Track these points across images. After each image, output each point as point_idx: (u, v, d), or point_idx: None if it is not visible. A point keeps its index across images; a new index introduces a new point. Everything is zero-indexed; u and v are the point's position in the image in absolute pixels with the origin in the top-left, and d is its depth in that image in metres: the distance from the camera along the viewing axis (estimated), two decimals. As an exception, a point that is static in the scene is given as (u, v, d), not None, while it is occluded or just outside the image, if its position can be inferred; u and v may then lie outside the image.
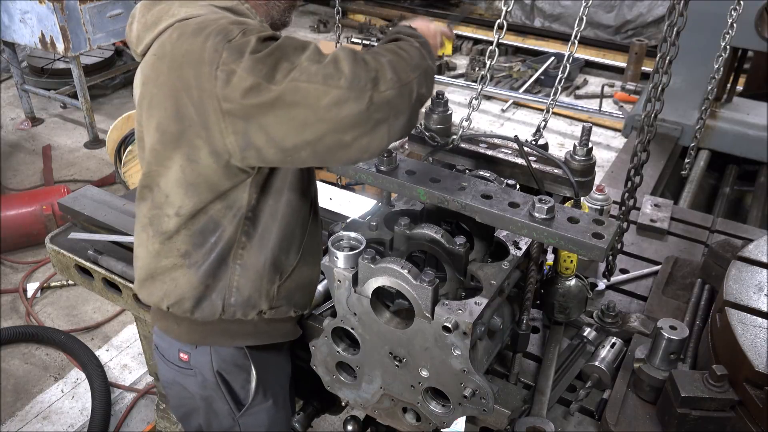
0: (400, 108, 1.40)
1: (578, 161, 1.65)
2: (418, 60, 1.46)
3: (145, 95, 1.54)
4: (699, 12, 2.90)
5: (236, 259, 1.63)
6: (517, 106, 6.68)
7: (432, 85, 1.53)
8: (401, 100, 1.40)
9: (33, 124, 6.09)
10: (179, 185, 1.56)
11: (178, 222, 1.60)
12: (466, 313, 1.37)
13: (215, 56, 1.35)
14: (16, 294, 4.00)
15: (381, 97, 1.36)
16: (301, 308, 1.78)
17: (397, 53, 1.44)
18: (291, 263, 1.70)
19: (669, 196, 3.56)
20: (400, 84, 1.38)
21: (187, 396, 1.86)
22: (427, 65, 1.48)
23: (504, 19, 1.57)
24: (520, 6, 8.14)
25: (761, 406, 1.42)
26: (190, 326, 1.71)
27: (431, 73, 1.51)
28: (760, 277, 1.73)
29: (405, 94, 1.40)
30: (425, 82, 1.47)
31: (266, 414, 1.86)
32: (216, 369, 1.75)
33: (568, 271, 1.76)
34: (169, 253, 1.65)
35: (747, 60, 4.44)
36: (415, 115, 1.48)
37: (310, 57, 1.36)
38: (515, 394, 1.63)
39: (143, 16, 1.57)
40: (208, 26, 1.41)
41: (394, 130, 1.42)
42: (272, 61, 1.34)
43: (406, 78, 1.40)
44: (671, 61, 1.79)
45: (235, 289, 1.64)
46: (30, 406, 3.27)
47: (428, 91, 1.51)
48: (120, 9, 5.39)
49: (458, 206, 1.49)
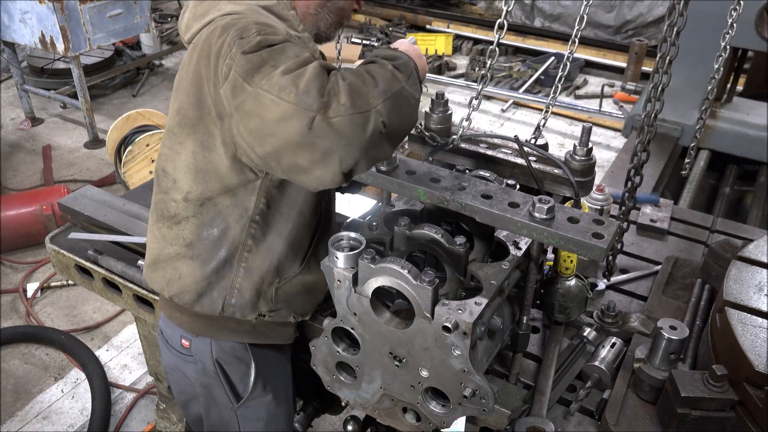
0: (351, 139, 1.30)
1: (578, 161, 1.65)
2: (386, 85, 1.35)
3: (178, 79, 1.61)
4: (699, 12, 2.89)
5: (241, 261, 1.64)
6: (517, 106, 6.68)
7: (407, 110, 1.40)
8: (352, 130, 1.30)
9: (33, 124, 6.09)
10: (188, 170, 1.59)
11: (186, 208, 1.62)
12: (466, 313, 1.37)
13: (226, 51, 1.39)
14: (16, 294, 4.00)
15: (326, 123, 1.28)
16: (302, 314, 1.78)
17: (362, 77, 1.35)
18: (294, 270, 1.71)
19: (669, 196, 3.56)
20: (352, 112, 1.29)
21: (187, 383, 1.90)
22: (398, 90, 1.37)
23: (504, 19, 1.57)
24: (520, 6, 8.14)
25: (761, 406, 1.42)
26: (191, 316, 1.74)
27: (406, 97, 1.40)
28: (760, 277, 1.73)
29: (357, 124, 1.30)
30: (395, 109, 1.35)
31: (265, 408, 1.86)
32: (215, 358, 1.77)
33: (568, 271, 1.76)
34: (175, 241, 1.67)
35: (747, 60, 4.44)
36: (376, 149, 1.36)
37: (287, 67, 1.32)
38: (515, 394, 1.63)
39: (195, 7, 1.61)
40: (237, 24, 1.43)
41: (347, 164, 1.33)
42: (258, 61, 1.35)
43: (363, 105, 1.30)
44: (671, 61, 1.79)
45: (236, 290, 1.66)
46: (30, 406, 3.27)
47: (401, 119, 1.38)
48: (120, 9, 5.39)
49: (458, 206, 1.49)
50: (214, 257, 1.64)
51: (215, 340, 1.76)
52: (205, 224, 1.63)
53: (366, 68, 1.39)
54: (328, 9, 1.66)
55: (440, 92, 1.77)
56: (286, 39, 1.42)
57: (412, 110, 1.42)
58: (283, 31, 1.48)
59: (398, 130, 1.40)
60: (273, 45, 1.38)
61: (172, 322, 1.80)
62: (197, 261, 1.66)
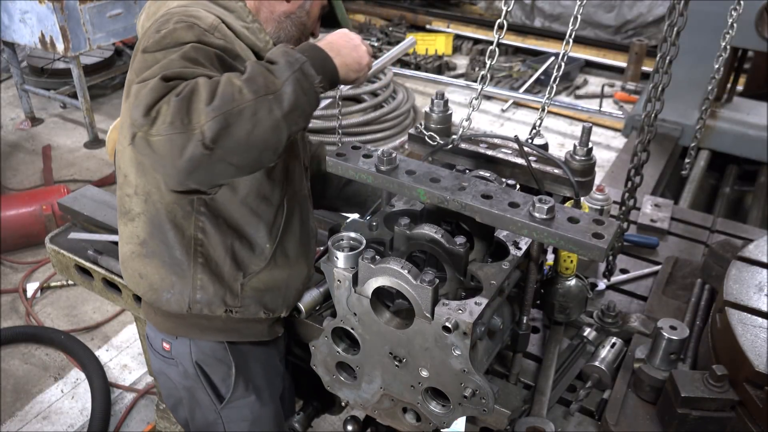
0: (167, 160, 1.24)
1: (578, 161, 1.65)
2: (221, 102, 1.22)
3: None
4: (699, 12, 2.90)
5: (197, 256, 1.65)
6: (517, 106, 6.68)
7: (250, 128, 1.25)
8: (169, 151, 1.22)
9: (33, 124, 6.09)
10: (132, 163, 1.61)
11: (137, 203, 1.63)
12: (466, 313, 1.37)
13: (143, 41, 1.43)
14: (16, 294, 4.00)
15: (145, 141, 1.23)
16: (272, 311, 1.76)
17: (197, 93, 1.23)
18: (258, 264, 1.69)
19: (669, 196, 3.56)
20: (172, 132, 1.21)
21: (172, 386, 1.90)
22: (237, 108, 1.23)
23: (504, 19, 1.57)
24: (520, 6, 8.14)
25: (761, 406, 1.42)
26: (164, 316, 1.76)
27: (252, 115, 1.25)
28: (760, 277, 1.73)
29: (175, 145, 1.21)
30: (229, 129, 1.23)
31: (249, 409, 1.87)
32: (195, 360, 1.78)
33: (568, 271, 1.76)
34: (130, 239, 1.69)
35: (747, 60, 4.44)
36: (204, 171, 1.26)
37: (143, 76, 1.31)
38: (515, 394, 1.63)
39: (149, 7, 1.63)
40: (167, 17, 1.46)
41: (171, 183, 1.34)
42: (142, 66, 1.37)
43: (185, 126, 1.21)
44: (671, 61, 1.79)
45: (199, 287, 1.66)
46: (30, 406, 3.27)
47: (238, 139, 1.25)
48: (120, 9, 5.39)
49: (458, 206, 1.49)
50: (169, 254, 1.65)
51: (194, 341, 1.76)
52: (154, 220, 1.63)
53: (217, 81, 1.28)
54: (292, 21, 1.68)
55: (440, 92, 1.77)
56: (196, 40, 1.39)
57: (260, 128, 1.28)
58: (212, 24, 1.46)
59: (238, 149, 1.27)
60: (169, 48, 1.37)
61: (151, 324, 1.82)
62: (154, 259, 1.66)
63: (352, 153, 1.64)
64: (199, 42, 1.41)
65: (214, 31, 1.47)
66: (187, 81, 1.27)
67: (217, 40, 1.46)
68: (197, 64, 1.36)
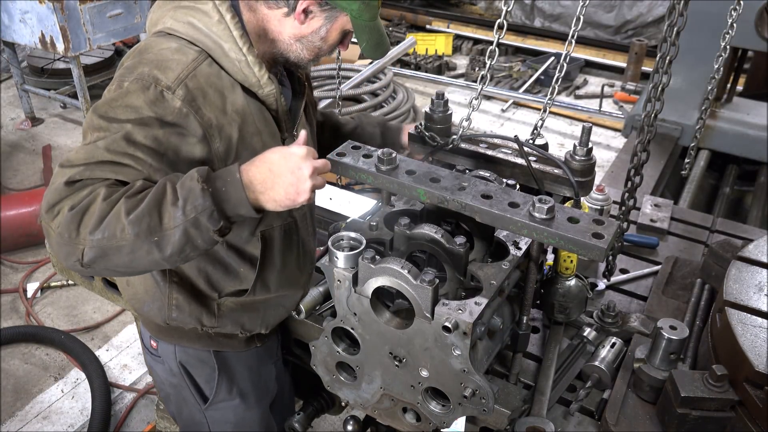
0: (59, 254, 1.37)
1: (578, 161, 1.65)
2: (101, 235, 1.30)
3: None
4: (699, 12, 2.90)
5: (171, 276, 1.66)
6: (517, 106, 6.68)
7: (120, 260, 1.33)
8: (59, 250, 1.36)
9: (33, 124, 6.08)
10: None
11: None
12: (466, 313, 1.37)
13: (107, 89, 1.47)
14: (16, 294, 3.99)
15: (47, 230, 1.37)
16: (249, 331, 1.77)
17: (81, 217, 1.32)
18: (233, 284, 1.69)
19: (669, 196, 3.56)
20: (60, 239, 1.33)
21: (159, 381, 1.95)
22: (114, 245, 1.30)
23: (504, 19, 1.57)
24: (520, 6, 8.14)
25: (761, 406, 1.42)
26: (147, 320, 1.81)
27: (129, 251, 1.31)
28: (760, 277, 1.73)
29: (63, 247, 1.34)
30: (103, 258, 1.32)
31: (232, 411, 1.88)
32: (179, 361, 1.80)
33: (568, 271, 1.76)
34: None
35: (747, 60, 4.44)
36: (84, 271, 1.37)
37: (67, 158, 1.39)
38: (515, 394, 1.63)
39: (153, 12, 1.58)
40: (140, 57, 1.45)
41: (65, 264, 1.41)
42: (96, 124, 1.41)
43: (70, 240, 1.32)
44: (671, 61, 1.79)
45: (174, 306, 1.68)
46: (30, 406, 3.27)
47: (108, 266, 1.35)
48: (120, 9, 5.38)
49: (458, 206, 1.49)
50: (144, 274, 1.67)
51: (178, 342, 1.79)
52: None
53: (110, 206, 1.32)
54: (304, 45, 1.57)
55: (440, 92, 1.77)
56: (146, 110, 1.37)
57: (138, 263, 1.35)
58: (179, 77, 1.40)
59: (116, 272, 1.41)
60: (114, 120, 1.39)
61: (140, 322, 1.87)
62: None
63: (352, 153, 1.64)
64: (146, 115, 1.37)
65: (178, 86, 1.39)
66: (88, 192, 1.34)
67: (174, 103, 1.38)
68: (135, 146, 1.37)
